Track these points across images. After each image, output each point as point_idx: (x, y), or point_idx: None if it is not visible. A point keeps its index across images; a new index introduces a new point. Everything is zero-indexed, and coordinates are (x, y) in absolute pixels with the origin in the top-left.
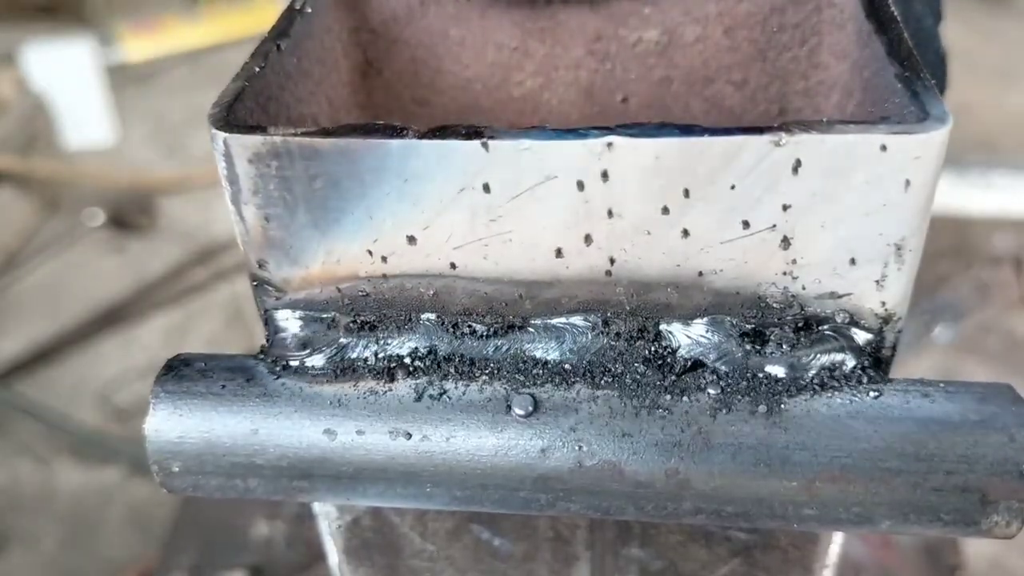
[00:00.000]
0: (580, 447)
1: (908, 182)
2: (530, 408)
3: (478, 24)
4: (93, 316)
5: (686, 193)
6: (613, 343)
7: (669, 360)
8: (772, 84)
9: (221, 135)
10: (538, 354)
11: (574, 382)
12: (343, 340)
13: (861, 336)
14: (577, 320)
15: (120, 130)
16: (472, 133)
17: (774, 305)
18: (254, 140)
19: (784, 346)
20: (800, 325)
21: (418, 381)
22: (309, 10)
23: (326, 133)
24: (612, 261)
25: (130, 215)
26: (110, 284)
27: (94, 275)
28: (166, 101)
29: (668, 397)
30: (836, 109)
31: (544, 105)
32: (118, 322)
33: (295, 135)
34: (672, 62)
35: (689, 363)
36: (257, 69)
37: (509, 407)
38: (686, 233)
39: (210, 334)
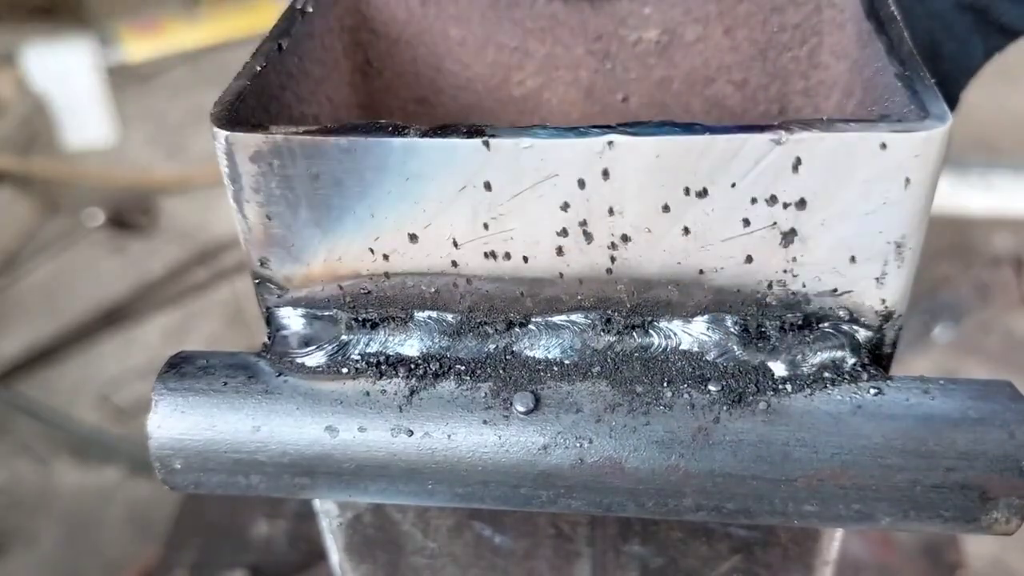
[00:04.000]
0: (581, 444)
1: (908, 180)
2: (531, 405)
3: (478, 24)
4: (93, 316)
5: (687, 191)
6: (614, 340)
7: (670, 357)
8: (772, 84)
9: (223, 133)
10: (539, 352)
11: (575, 379)
12: (345, 338)
13: (861, 333)
14: (578, 318)
15: (120, 130)
16: (473, 132)
17: (774, 302)
18: (256, 138)
19: (784, 343)
20: (800, 322)
21: (419, 378)
22: (310, 10)
23: (328, 132)
24: (613, 259)
25: (130, 215)
26: (110, 284)
27: (94, 275)
28: (166, 101)
29: (669, 394)
30: (836, 109)
31: (544, 105)
32: (118, 322)
33: (297, 133)
34: (672, 62)
35: (690, 360)
36: (259, 69)
37: (510, 404)
38: (687, 231)
39: (210, 334)
